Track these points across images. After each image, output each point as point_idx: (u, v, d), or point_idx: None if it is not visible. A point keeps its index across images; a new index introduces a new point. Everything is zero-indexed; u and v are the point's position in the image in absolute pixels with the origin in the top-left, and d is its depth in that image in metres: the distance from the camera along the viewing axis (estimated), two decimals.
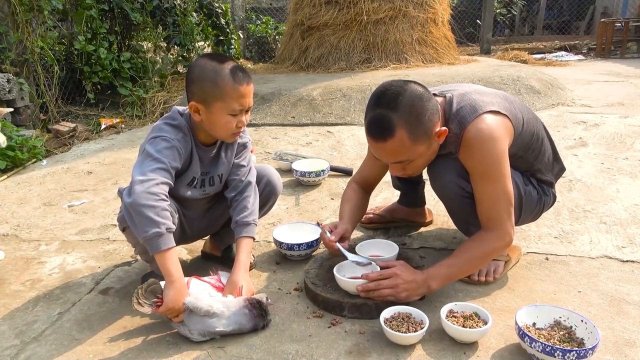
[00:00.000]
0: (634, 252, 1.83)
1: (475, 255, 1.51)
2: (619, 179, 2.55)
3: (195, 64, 1.51)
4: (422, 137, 1.42)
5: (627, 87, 5.02)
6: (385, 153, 1.46)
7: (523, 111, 1.63)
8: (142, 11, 5.13)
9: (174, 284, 1.38)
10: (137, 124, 4.53)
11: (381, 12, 5.33)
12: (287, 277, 1.77)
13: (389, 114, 1.38)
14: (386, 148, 1.42)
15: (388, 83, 1.46)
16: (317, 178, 2.61)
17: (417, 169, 1.57)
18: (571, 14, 10.12)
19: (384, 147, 1.43)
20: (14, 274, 1.88)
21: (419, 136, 1.41)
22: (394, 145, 1.41)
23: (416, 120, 1.40)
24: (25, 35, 3.96)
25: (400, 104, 1.38)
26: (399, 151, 1.43)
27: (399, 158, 1.46)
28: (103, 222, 2.34)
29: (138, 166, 1.44)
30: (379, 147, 1.44)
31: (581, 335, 1.30)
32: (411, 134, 1.40)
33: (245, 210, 1.63)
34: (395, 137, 1.39)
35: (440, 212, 2.21)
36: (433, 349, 1.35)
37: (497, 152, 1.46)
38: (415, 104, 1.40)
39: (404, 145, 1.41)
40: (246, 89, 1.48)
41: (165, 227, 1.37)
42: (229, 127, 1.51)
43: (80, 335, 1.48)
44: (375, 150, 1.48)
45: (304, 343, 1.40)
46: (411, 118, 1.39)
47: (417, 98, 1.41)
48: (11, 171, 3.20)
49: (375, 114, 1.41)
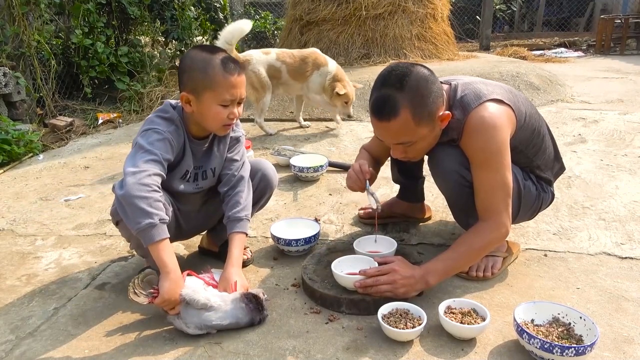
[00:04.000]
0: (633, 249, 1.82)
1: (472, 248, 1.51)
2: (618, 175, 2.54)
3: (187, 55, 1.50)
4: (426, 119, 1.43)
5: (627, 83, 5.01)
6: (389, 133, 1.46)
7: (526, 105, 1.62)
8: (140, 5, 5.10)
9: (169, 275, 1.37)
10: (134, 118, 4.51)
11: (380, 8, 5.30)
12: (284, 273, 1.76)
13: (394, 94, 1.39)
14: (390, 128, 1.43)
15: (395, 64, 1.46)
16: (316, 174, 2.60)
17: (418, 153, 1.57)
18: (571, 10, 10.09)
19: (387, 127, 1.43)
20: (10, 269, 1.87)
21: (422, 118, 1.42)
22: (397, 126, 1.41)
23: (421, 101, 1.40)
24: (21, 28, 3.93)
25: (405, 85, 1.39)
26: (402, 132, 1.43)
27: (401, 139, 1.46)
28: (99, 217, 2.33)
29: (130, 158, 1.43)
30: (382, 126, 1.44)
31: (580, 331, 1.30)
32: (415, 115, 1.40)
33: (238, 205, 1.62)
34: (399, 117, 1.39)
35: (439, 208, 2.20)
36: (431, 345, 1.34)
37: (499, 141, 1.46)
38: (420, 85, 1.40)
39: (408, 126, 1.41)
40: (237, 80, 1.47)
41: (159, 217, 1.36)
42: (220, 118, 1.49)
43: (76, 331, 1.47)
44: (379, 131, 1.49)
45: (301, 339, 1.39)
46: (416, 99, 1.39)
47: (423, 80, 1.41)
48: (7, 165, 3.18)
49: (380, 94, 1.42)
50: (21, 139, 3.36)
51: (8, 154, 3.22)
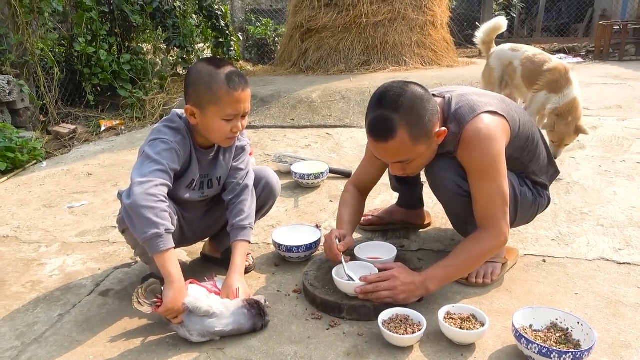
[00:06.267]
0: (631, 255, 1.84)
1: (472, 255, 1.53)
2: (617, 181, 2.56)
3: (193, 68, 1.52)
4: (423, 137, 1.45)
5: (625, 89, 5.03)
6: (387, 153, 1.48)
7: (519, 114, 1.65)
8: (142, 13, 5.15)
9: (173, 285, 1.39)
10: (136, 125, 4.54)
11: (380, 15, 5.35)
12: (286, 279, 1.78)
13: (391, 115, 1.40)
14: (388, 148, 1.44)
15: (389, 84, 1.48)
16: (316, 180, 2.63)
17: (416, 169, 1.59)
18: (570, 16, 10.13)
19: (385, 147, 1.45)
20: (15, 276, 1.89)
21: (419, 136, 1.44)
22: (395, 146, 1.43)
23: (417, 121, 1.42)
24: (25, 37, 3.97)
25: (401, 105, 1.40)
26: (400, 151, 1.45)
27: (399, 158, 1.48)
28: (103, 223, 2.35)
29: (137, 168, 1.45)
30: (380, 147, 1.46)
31: (577, 337, 1.31)
32: (412, 135, 1.42)
33: (242, 213, 1.64)
34: (396, 138, 1.41)
35: (439, 214, 2.22)
36: (431, 350, 1.36)
37: (495, 151, 1.48)
38: (416, 105, 1.42)
39: (405, 145, 1.43)
40: (241, 95, 1.48)
41: (165, 228, 1.38)
42: (223, 132, 1.52)
43: (81, 337, 1.49)
44: (377, 151, 1.50)
45: (303, 345, 1.41)
46: (412, 119, 1.41)
47: (418, 99, 1.43)
48: (11, 173, 3.21)
49: (376, 115, 1.43)
50: (25, 147, 3.39)
51: (12, 161, 3.25)
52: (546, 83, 2.81)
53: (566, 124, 2.67)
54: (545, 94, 2.80)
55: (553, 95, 2.75)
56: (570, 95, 2.70)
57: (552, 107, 2.73)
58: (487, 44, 3.44)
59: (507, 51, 3.19)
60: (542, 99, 2.83)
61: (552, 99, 2.75)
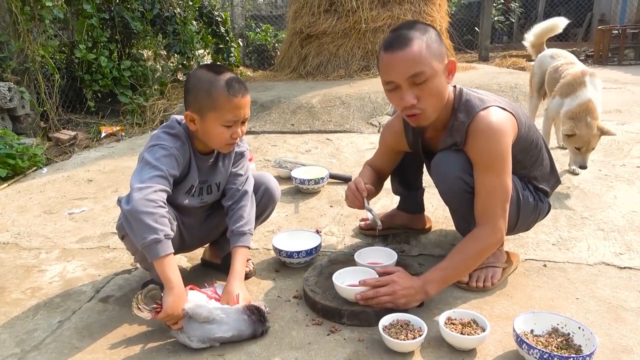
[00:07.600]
0: (632, 259, 1.84)
1: (468, 255, 1.52)
2: (617, 185, 2.56)
3: (192, 74, 1.53)
4: (437, 56, 1.45)
5: (625, 94, 5.04)
6: (403, 64, 1.43)
7: (525, 117, 1.66)
8: (143, 20, 5.18)
9: (172, 291, 1.39)
10: (137, 131, 4.55)
11: (380, 20, 5.37)
12: (286, 284, 1.78)
13: (407, 31, 1.45)
14: (405, 57, 1.42)
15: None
16: (316, 185, 2.63)
17: (430, 101, 1.48)
18: (569, 20, 10.18)
19: (402, 56, 1.42)
20: (15, 282, 1.89)
21: (434, 53, 1.44)
22: (412, 53, 1.41)
23: (432, 40, 1.45)
24: (26, 44, 3.98)
25: (417, 27, 1.47)
26: (417, 60, 1.41)
27: (416, 68, 1.42)
28: (103, 230, 2.35)
29: (136, 174, 1.45)
30: (397, 58, 1.43)
31: (579, 342, 1.31)
32: (428, 47, 1.43)
33: (241, 219, 1.64)
34: (414, 45, 1.42)
35: (439, 219, 2.22)
36: (432, 356, 1.36)
37: (503, 145, 1.49)
38: (429, 28, 1.49)
39: (422, 54, 1.42)
40: (241, 101, 1.48)
41: (164, 233, 1.38)
42: (223, 138, 1.52)
43: (81, 344, 1.48)
44: (393, 67, 1.45)
45: (303, 350, 1.40)
46: (427, 36, 1.45)
47: (431, 27, 1.50)
48: (12, 179, 3.21)
49: (393, 34, 1.48)
50: (25, 153, 3.39)
51: (12, 168, 3.25)
52: (559, 88, 2.75)
53: (586, 124, 2.49)
54: (559, 99, 2.73)
55: (566, 99, 2.66)
56: (584, 96, 2.56)
57: (565, 109, 2.63)
58: (536, 47, 3.29)
59: (547, 57, 3.10)
60: (555, 104, 2.78)
61: (565, 102, 2.65)
